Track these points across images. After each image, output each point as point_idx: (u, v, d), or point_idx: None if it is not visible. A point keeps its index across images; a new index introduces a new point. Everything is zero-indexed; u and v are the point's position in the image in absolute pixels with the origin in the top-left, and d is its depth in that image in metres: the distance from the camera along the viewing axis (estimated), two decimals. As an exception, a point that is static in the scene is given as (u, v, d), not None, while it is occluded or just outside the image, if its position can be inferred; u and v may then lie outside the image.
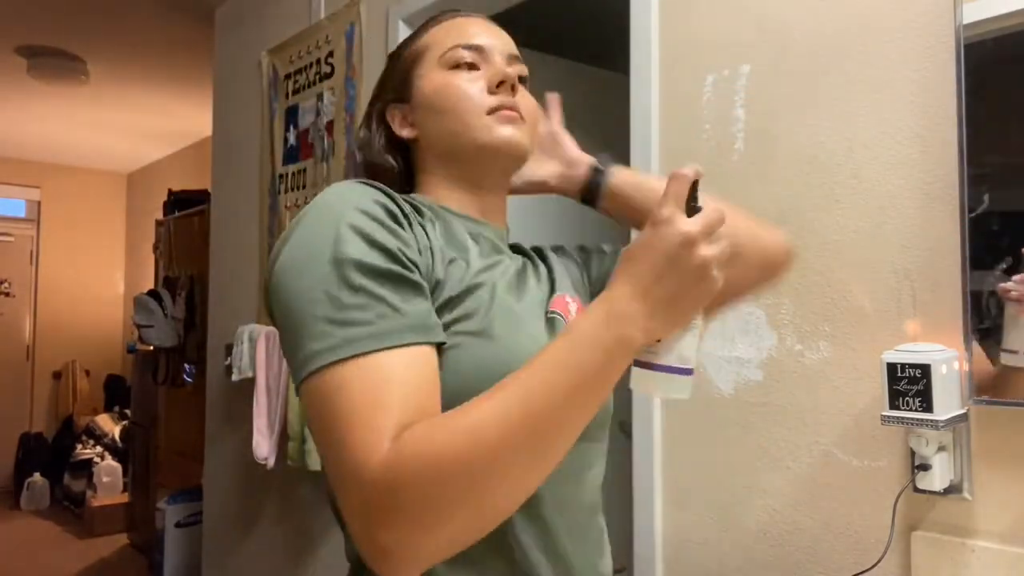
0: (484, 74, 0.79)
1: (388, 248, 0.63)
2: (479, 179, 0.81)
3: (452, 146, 0.79)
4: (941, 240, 1.01)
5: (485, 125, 0.77)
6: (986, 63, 0.95)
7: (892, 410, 0.97)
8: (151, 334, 3.55)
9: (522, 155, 0.79)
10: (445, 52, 0.79)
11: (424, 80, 0.80)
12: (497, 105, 0.77)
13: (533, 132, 0.81)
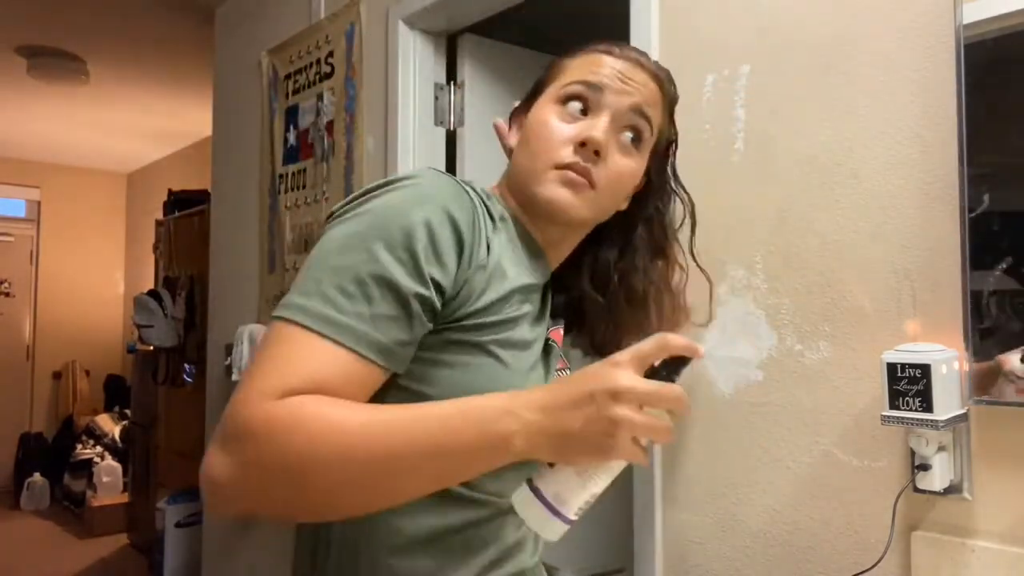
0: (584, 122, 0.77)
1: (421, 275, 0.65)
2: (536, 218, 0.81)
3: (518, 181, 0.80)
4: (941, 240, 1.01)
5: (545, 177, 0.76)
6: (986, 63, 0.95)
7: (892, 410, 0.97)
8: (151, 334, 3.55)
9: (570, 221, 0.79)
10: (566, 84, 0.79)
11: (537, 104, 0.81)
12: (567, 164, 0.76)
13: (604, 198, 0.79)
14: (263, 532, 2.45)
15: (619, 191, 0.81)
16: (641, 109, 0.79)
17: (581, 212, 0.78)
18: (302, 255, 2.28)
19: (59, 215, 5.82)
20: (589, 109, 0.78)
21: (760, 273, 1.21)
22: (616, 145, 0.78)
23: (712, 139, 1.28)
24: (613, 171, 0.78)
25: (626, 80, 0.79)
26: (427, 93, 1.95)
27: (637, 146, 0.80)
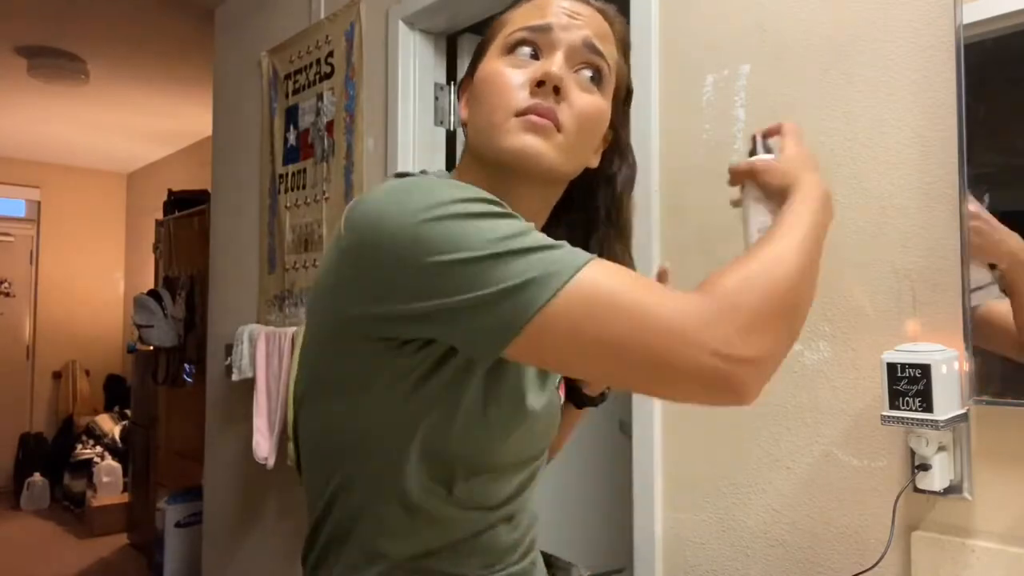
0: (537, 65, 0.71)
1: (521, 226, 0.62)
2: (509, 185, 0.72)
3: (479, 144, 0.73)
4: (941, 240, 1.01)
5: (506, 127, 0.69)
6: (986, 63, 0.95)
7: (892, 410, 0.97)
8: (151, 334, 3.55)
9: (542, 169, 0.70)
10: (512, 32, 0.73)
11: (483, 62, 0.75)
12: (528, 107, 0.69)
13: (575, 142, 0.71)
14: (263, 532, 2.45)
15: (588, 133, 0.73)
16: (594, 44, 0.72)
17: (553, 158, 0.70)
18: (302, 255, 2.28)
19: (59, 215, 5.83)
20: (540, 51, 0.71)
21: (760, 273, 1.21)
22: (576, 83, 0.71)
23: (712, 139, 1.28)
24: (578, 109, 0.71)
25: (574, 15, 0.73)
26: (427, 93, 1.95)
27: (598, 84, 0.73)
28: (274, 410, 2.22)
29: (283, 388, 2.19)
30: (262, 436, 2.22)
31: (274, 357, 2.23)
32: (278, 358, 2.22)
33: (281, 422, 2.19)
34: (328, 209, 2.17)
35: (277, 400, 2.21)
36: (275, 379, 2.23)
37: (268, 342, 2.26)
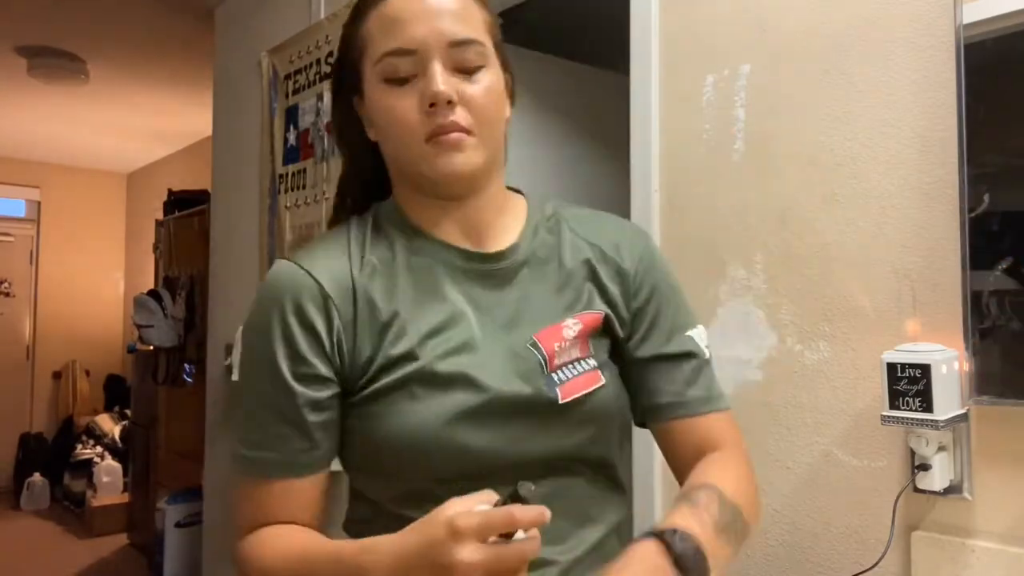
0: (420, 86, 0.72)
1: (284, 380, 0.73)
2: (445, 199, 0.78)
3: (403, 170, 0.78)
4: (941, 240, 1.01)
5: (424, 155, 0.73)
6: (986, 63, 0.95)
7: (892, 410, 0.97)
8: (151, 334, 3.55)
9: (472, 175, 0.75)
10: (378, 60, 0.74)
11: (368, 89, 0.76)
12: (433, 131, 0.72)
13: (488, 131, 0.75)
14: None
15: (495, 113, 0.76)
16: (460, 38, 0.73)
17: (477, 161, 0.74)
18: (302, 255, 2.28)
19: (59, 215, 5.82)
20: (415, 73, 0.73)
21: (760, 273, 1.21)
22: (462, 78, 0.73)
23: (712, 139, 1.28)
24: (476, 103, 0.73)
25: (428, 18, 0.73)
26: (427, 93, 1.94)
27: (483, 64, 0.74)
28: (274, 410, 2.21)
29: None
30: (262, 436, 2.21)
31: (274, 357, 2.23)
32: (278, 358, 2.21)
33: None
34: (328, 209, 2.17)
35: (277, 400, 2.20)
36: (275, 379, 2.22)
37: (268, 342, 2.25)
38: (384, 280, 0.76)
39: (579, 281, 0.82)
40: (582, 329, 0.79)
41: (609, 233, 0.85)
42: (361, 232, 0.80)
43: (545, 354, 0.76)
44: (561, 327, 0.78)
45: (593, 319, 0.80)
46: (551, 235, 0.83)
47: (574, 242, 0.83)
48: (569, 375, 0.77)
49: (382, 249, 0.79)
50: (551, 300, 0.80)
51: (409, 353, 0.73)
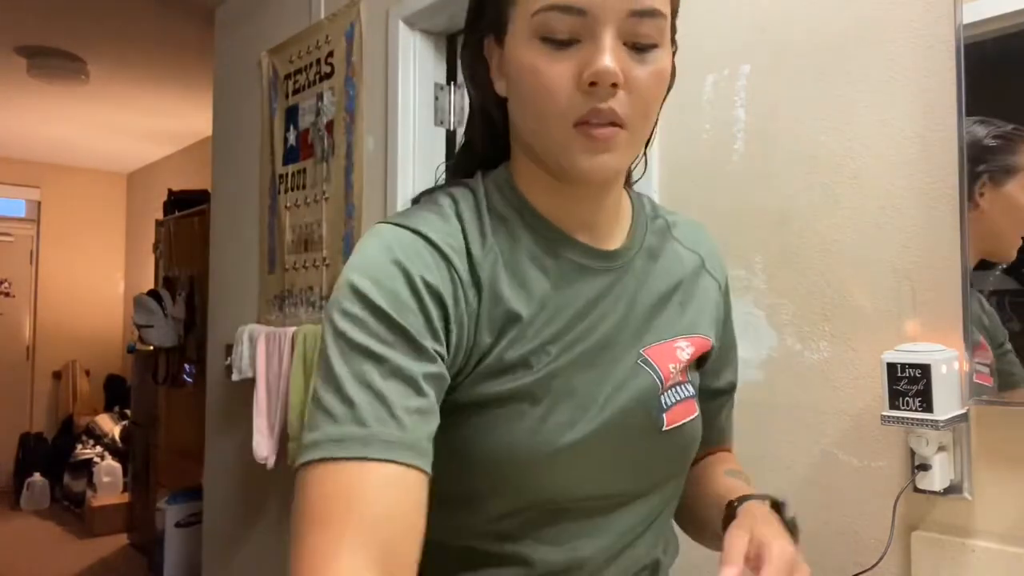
0: (582, 52, 0.59)
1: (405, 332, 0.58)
2: (573, 188, 0.67)
3: (534, 145, 0.65)
4: (941, 240, 1.01)
5: (567, 143, 0.61)
6: (986, 63, 0.95)
7: (892, 410, 0.97)
8: (151, 334, 3.55)
9: (613, 177, 0.66)
10: (537, 11, 0.59)
11: (513, 39, 0.62)
12: (585, 117, 0.59)
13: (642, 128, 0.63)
14: (263, 532, 2.45)
15: (656, 105, 0.64)
16: (644, 7, 0.59)
17: (624, 161, 0.64)
18: (302, 255, 2.28)
19: (59, 215, 5.83)
20: (580, 35, 0.59)
21: (760, 273, 1.21)
22: (632, 58, 0.60)
23: (712, 139, 1.28)
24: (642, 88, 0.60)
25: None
26: (427, 93, 1.95)
27: (659, 43, 0.61)
28: (274, 410, 2.22)
29: (283, 388, 2.19)
30: (262, 436, 2.22)
31: (274, 357, 2.23)
32: (278, 358, 2.22)
33: (281, 422, 2.19)
34: (328, 209, 2.17)
35: (277, 400, 2.21)
36: (275, 379, 2.23)
37: (268, 342, 2.26)
38: (507, 273, 0.65)
39: (686, 295, 0.75)
40: (693, 353, 0.73)
41: (705, 243, 0.79)
42: (474, 211, 0.68)
43: (661, 375, 0.69)
44: (675, 347, 0.71)
45: (702, 345, 0.74)
46: (657, 239, 0.75)
47: (678, 250, 0.76)
48: (674, 400, 0.71)
49: (501, 236, 0.67)
50: (660, 310, 0.72)
51: (525, 360, 0.64)
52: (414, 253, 0.61)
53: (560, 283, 0.67)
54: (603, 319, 0.68)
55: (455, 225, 0.65)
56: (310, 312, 2.23)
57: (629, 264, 0.71)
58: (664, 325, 0.72)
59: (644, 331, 0.70)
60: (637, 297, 0.71)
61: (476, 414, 0.63)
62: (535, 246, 0.67)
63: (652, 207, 0.79)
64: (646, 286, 0.72)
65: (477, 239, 0.65)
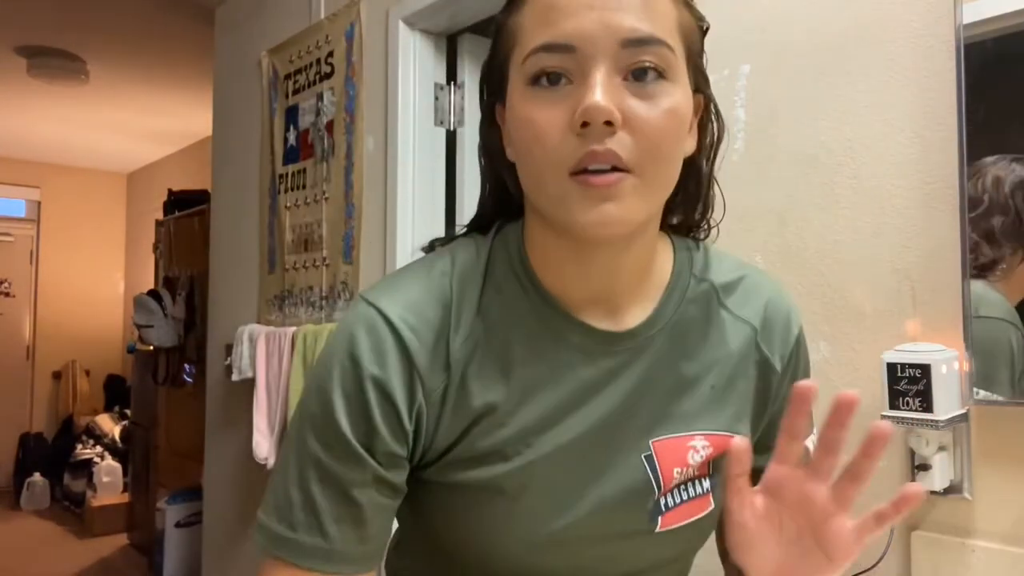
0: (574, 94, 0.54)
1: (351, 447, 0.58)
2: (590, 249, 0.60)
3: (540, 206, 0.59)
4: (941, 240, 1.01)
5: (563, 194, 0.55)
6: (986, 63, 0.95)
7: (892, 410, 0.97)
8: (151, 334, 3.55)
9: (625, 232, 0.57)
10: (526, 56, 0.55)
11: (511, 94, 0.59)
12: (581, 160, 0.53)
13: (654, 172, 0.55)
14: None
15: (669, 147, 0.56)
16: (639, 35, 0.53)
17: (635, 214, 0.55)
18: (302, 255, 2.28)
19: (59, 215, 5.82)
20: (571, 74, 0.54)
21: (760, 273, 1.21)
22: (632, 93, 0.54)
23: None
24: (648, 126, 0.54)
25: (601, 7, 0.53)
26: (427, 93, 1.95)
27: (664, 75, 0.55)
28: (274, 410, 2.22)
29: (283, 388, 2.19)
30: (262, 436, 2.22)
31: (274, 357, 2.23)
32: (278, 358, 2.22)
33: (281, 422, 2.19)
34: (328, 209, 2.18)
35: (277, 400, 2.21)
36: (275, 379, 2.23)
37: (268, 342, 2.26)
38: (486, 358, 0.61)
39: (723, 379, 0.65)
40: (709, 455, 0.65)
41: (766, 310, 0.69)
42: (472, 278, 0.63)
43: (661, 479, 0.63)
44: (687, 446, 0.64)
45: (725, 444, 0.64)
46: (697, 308, 0.66)
47: (724, 323, 0.67)
48: (677, 500, 0.64)
49: (493, 311, 0.62)
50: (683, 396, 0.64)
51: (500, 451, 0.60)
52: (374, 345, 0.59)
53: (554, 366, 0.61)
54: (603, 406, 0.62)
55: (441, 302, 0.61)
56: (310, 312, 2.23)
57: (648, 344, 0.63)
58: (686, 415, 0.64)
59: (659, 419, 0.63)
60: (654, 381, 0.63)
61: (449, 495, 0.62)
62: (532, 323, 0.62)
63: (704, 265, 0.68)
64: (668, 368, 0.64)
65: (461, 319, 0.61)
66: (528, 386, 0.61)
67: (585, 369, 0.62)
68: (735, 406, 0.66)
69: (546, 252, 0.62)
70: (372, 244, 2.01)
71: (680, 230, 0.70)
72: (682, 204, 0.67)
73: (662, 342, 0.64)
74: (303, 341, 2.08)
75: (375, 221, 1.99)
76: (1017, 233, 0.92)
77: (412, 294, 0.61)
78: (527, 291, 0.63)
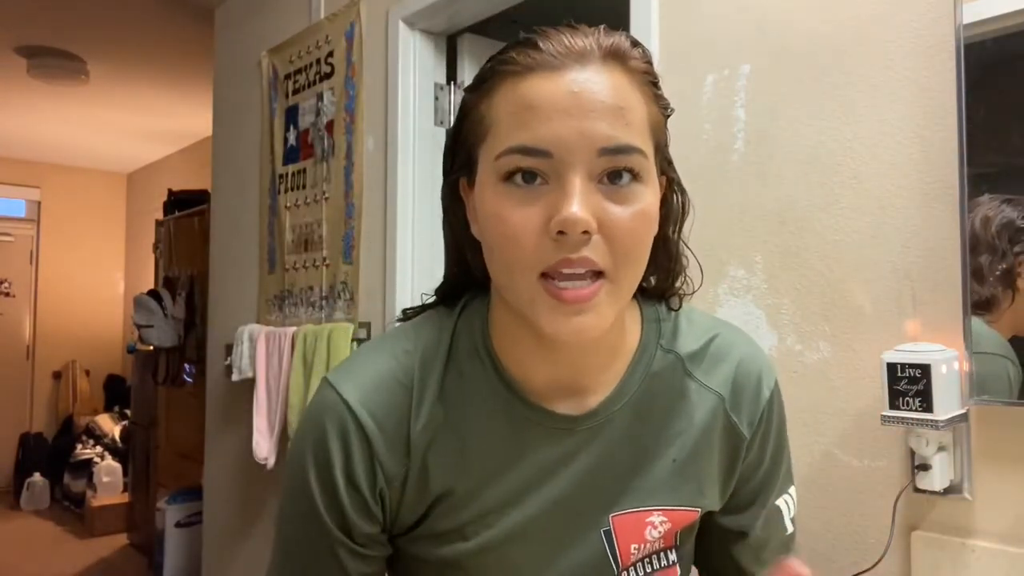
0: (550, 196, 0.54)
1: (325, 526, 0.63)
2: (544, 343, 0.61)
3: (511, 300, 0.59)
4: (941, 240, 1.01)
5: (535, 299, 0.55)
6: (986, 63, 0.95)
7: (892, 410, 0.97)
8: (151, 334, 3.55)
9: (595, 337, 0.57)
10: (500, 154, 0.55)
11: (481, 181, 0.58)
12: (555, 266, 0.53)
13: (626, 275, 0.56)
14: (263, 532, 2.45)
15: (642, 248, 0.57)
16: (617, 144, 0.54)
17: (606, 317, 0.56)
18: (302, 255, 2.28)
19: (59, 215, 5.82)
20: (546, 177, 0.54)
21: (760, 273, 1.21)
22: (606, 196, 0.54)
23: (712, 139, 1.28)
24: (622, 231, 0.54)
25: (578, 107, 0.53)
26: (427, 93, 1.95)
27: (640, 178, 0.56)
28: (274, 410, 2.22)
29: (283, 388, 2.19)
30: (262, 436, 2.22)
31: (274, 357, 2.23)
32: (278, 358, 2.22)
33: (281, 422, 2.19)
34: (328, 209, 2.18)
35: (277, 400, 2.21)
36: (275, 379, 2.23)
37: (268, 342, 2.26)
38: (446, 442, 0.62)
39: (686, 451, 0.65)
40: (668, 531, 0.66)
41: (736, 378, 0.68)
42: (435, 360, 0.64)
43: (619, 556, 0.64)
44: (645, 522, 0.65)
45: (685, 518, 0.66)
46: (663, 381, 0.66)
47: (690, 393, 0.67)
48: (642, 573, 0.66)
49: (454, 394, 0.63)
50: (644, 470, 0.65)
51: (460, 531, 0.62)
52: (340, 436, 0.62)
53: (513, 448, 0.62)
54: (563, 485, 0.63)
55: (404, 384, 0.63)
56: (310, 312, 2.23)
57: (609, 421, 0.64)
58: (647, 488, 0.65)
59: (619, 494, 0.64)
60: (614, 457, 0.64)
61: (418, 568, 0.66)
62: (493, 406, 0.63)
63: (672, 335, 0.68)
64: (629, 443, 0.64)
65: (423, 405, 0.62)
66: (487, 468, 0.62)
67: (545, 450, 0.63)
68: (697, 480, 0.67)
69: (511, 337, 0.63)
70: (372, 244, 2.01)
71: (653, 294, 0.70)
72: (654, 273, 0.68)
73: (624, 418, 0.64)
74: (303, 341, 2.08)
75: (375, 221, 1.99)
76: (1004, 272, 0.93)
77: (375, 377, 0.63)
78: (488, 375, 0.63)
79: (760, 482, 0.71)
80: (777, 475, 0.72)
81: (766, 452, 0.70)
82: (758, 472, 0.71)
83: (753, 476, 0.71)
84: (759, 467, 0.71)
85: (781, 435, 0.72)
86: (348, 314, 2.08)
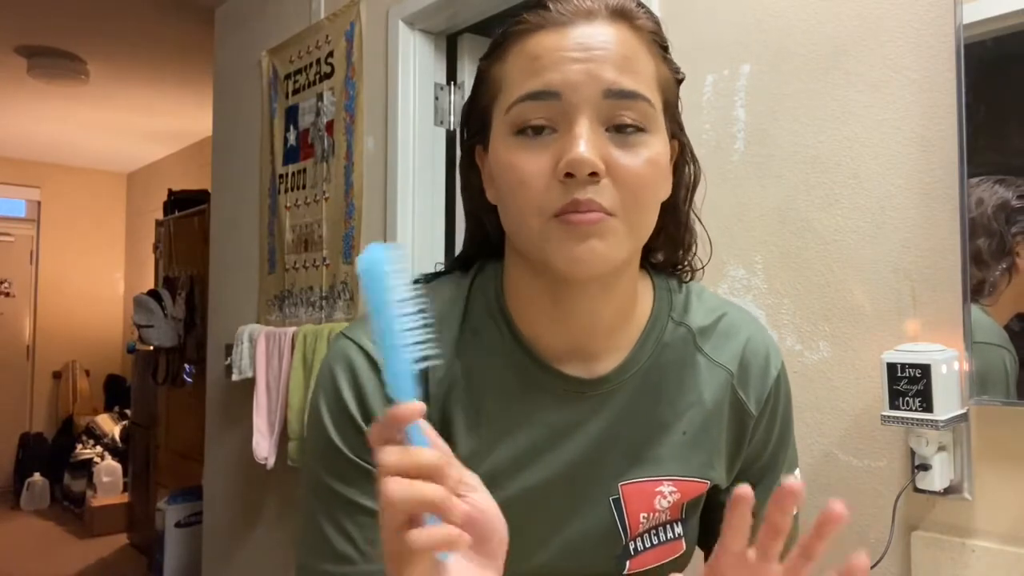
0: (559, 142, 0.56)
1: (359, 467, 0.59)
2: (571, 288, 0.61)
3: (521, 246, 0.60)
4: (941, 240, 1.01)
5: (547, 235, 0.56)
6: (986, 63, 0.95)
7: (892, 410, 0.97)
8: (151, 334, 3.55)
9: (607, 269, 0.58)
10: (511, 105, 0.57)
11: (494, 140, 0.60)
12: (564, 207, 0.55)
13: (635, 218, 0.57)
14: (263, 532, 2.45)
15: (648, 196, 0.59)
16: (621, 87, 0.56)
17: (616, 252, 0.57)
18: (302, 255, 2.28)
19: (59, 215, 5.82)
20: (555, 124, 0.56)
21: (760, 273, 1.21)
22: (614, 143, 0.56)
23: (712, 139, 1.28)
24: (630, 176, 0.56)
25: (585, 54, 0.56)
26: (427, 93, 1.95)
27: (643, 128, 0.57)
28: (274, 410, 2.22)
29: (283, 388, 2.19)
30: (262, 436, 2.22)
31: (274, 357, 2.23)
32: (278, 358, 2.22)
33: (281, 422, 2.19)
34: (328, 209, 2.17)
35: (277, 400, 2.21)
36: (275, 379, 2.23)
37: (268, 342, 2.26)
38: (462, 399, 0.63)
39: (695, 425, 0.66)
40: (677, 500, 0.65)
41: (744, 354, 0.69)
42: (450, 319, 0.64)
43: (628, 524, 0.64)
44: (655, 491, 0.64)
45: (695, 489, 0.66)
46: (674, 352, 0.67)
47: (700, 367, 0.67)
48: (647, 544, 0.66)
49: (470, 353, 0.64)
50: (655, 441, 0.65)
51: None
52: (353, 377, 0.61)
53: (525, 410, 0.63)
54: (572, 451, 0.63)
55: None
56: (310, 312, 2.23)
57: (619, 389, 0.64)
58: (657, 459, 0.65)
59: (630, 463, 0.64)
60: (624, 425, 0.64)
61: None
62: (507, 367, 0.63)
63: (684, 308, 0.69)
64: (639, 413, 0.65)
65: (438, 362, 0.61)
66: (499, 429, 0.62)
67: (555, 413, 0.63)
68: (707, 452, 0.67)
69: (525, 296, 0.64)
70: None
71: (663, 268, 0.71)
72: (664, 245, 0.69)
73: (634, 387, 0.65)
74: (303, 341, 2.08)
75: (375, 221, 1.99)
76: (1001, 254, 0.93)
77: None
78: (503, 335, 0.64)
79: (767, 462, 0.72)
80: (784, 454, 0.72)
81: (773, 431, 0.71)
82: (765, 451, 0.71)
83: (761, 455, 0.71)
84: (766, 446, 0.71)
85: (788, 414, 0.73)
86: (348, 314, 2.08)
